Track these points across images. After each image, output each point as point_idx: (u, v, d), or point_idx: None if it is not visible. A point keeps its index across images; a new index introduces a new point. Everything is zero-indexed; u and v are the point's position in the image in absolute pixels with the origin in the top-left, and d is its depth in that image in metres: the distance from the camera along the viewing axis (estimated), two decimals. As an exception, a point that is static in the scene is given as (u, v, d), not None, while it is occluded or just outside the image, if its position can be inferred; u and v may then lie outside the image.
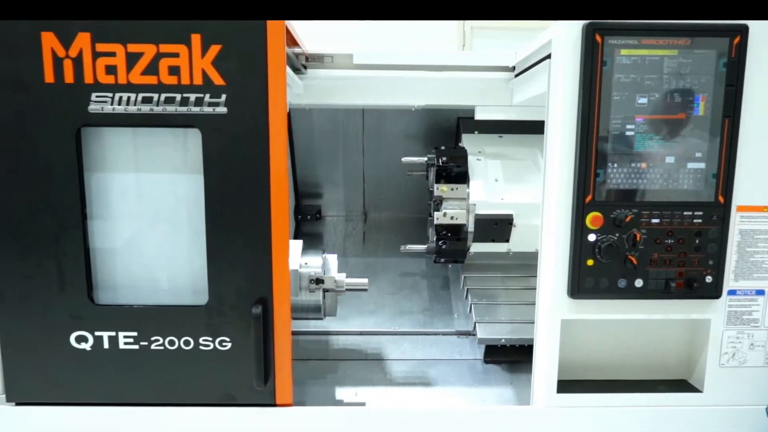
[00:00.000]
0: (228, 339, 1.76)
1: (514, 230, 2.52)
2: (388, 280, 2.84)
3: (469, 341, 2.46)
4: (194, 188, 1.74)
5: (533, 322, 1.85)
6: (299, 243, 2.03)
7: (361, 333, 2.50)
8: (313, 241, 3.08)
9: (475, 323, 2.36)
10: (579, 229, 1.67)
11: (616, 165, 1.65)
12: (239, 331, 1.75)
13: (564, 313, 1.74)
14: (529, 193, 2.52)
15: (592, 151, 1.63)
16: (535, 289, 1.81)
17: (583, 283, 1.69)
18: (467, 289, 2.58)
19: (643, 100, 1.62)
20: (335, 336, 2.49)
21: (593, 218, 1.66)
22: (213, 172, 1.68)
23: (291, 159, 3.04)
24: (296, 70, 2.34)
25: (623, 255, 1.68)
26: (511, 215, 2.50)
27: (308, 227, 3.16)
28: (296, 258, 1.95)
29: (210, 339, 1.76)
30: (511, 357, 2.32)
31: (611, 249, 1.66)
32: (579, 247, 1.68)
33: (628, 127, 1.63)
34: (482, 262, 2.63)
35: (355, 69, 2.39)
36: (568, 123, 1.64)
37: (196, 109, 1.64)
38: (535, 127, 2.60)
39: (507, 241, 2.54)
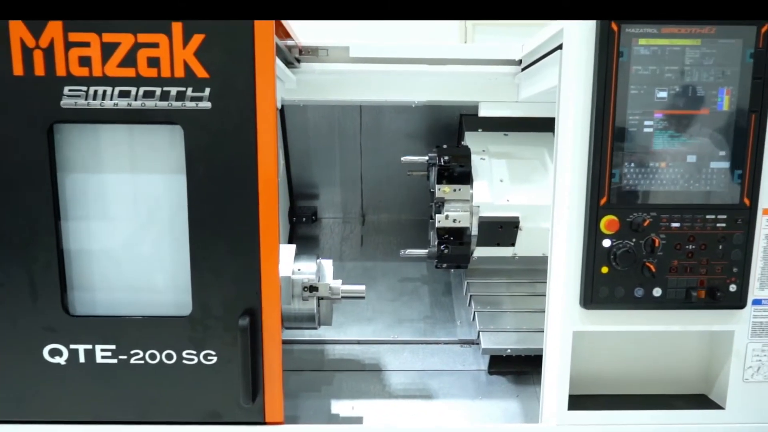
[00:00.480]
0: (213, 352, 1.70)
1: (520, 234, 2.47)
2: (387, 286, 2.81)
3: (472, 351, 2.42)
4: (177, 190, 1.69)
5: (541, 331, 1.81)
6: (292, 248, 1.97)
7: (359, 342, 2.46)
8: (308, 245, 3.05)
9: (479, 332, 2.32)
10: (592, 234, 1.62)
11: (633, 164, 1.59)
12: (225, 344, 1.70)
13: (576, 324, 1.68)
14: (537, 194, 2.48)
15: (607, 149, 1.58)
16: (542, 295, 1.77)
17: (597, 292, 1.64)
18: (470, 295, 2.54)
19: (663, 94, 1.56)
20: (331, 345, 2.44)
21: (608, 222, 1.61)
22: (196, 172, 1.62)
23: (285, 158, 3.01)
24: (289, 64, 2.30)
25: (640, 262, 1.63)
26: (517, 218, 2.45)
27: (303, 230, 3.13)
28: (289, 264, 1.90)
29: (194, 352, 1.71)
30: (517, 368, 2.27)
31: (627, 255, 1.61)
32: (592, 254, 1.62)
33: (647, 123, 1.57)
34: (486, 268, 2.60)
35: (352, 63, 2.35)
36: (581, 119, 1.58)
37: (177, 104, 1.58)
38: (543, 125, 2.66)
39: (513, 245, 2.49)
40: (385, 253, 3.00)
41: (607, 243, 1.61)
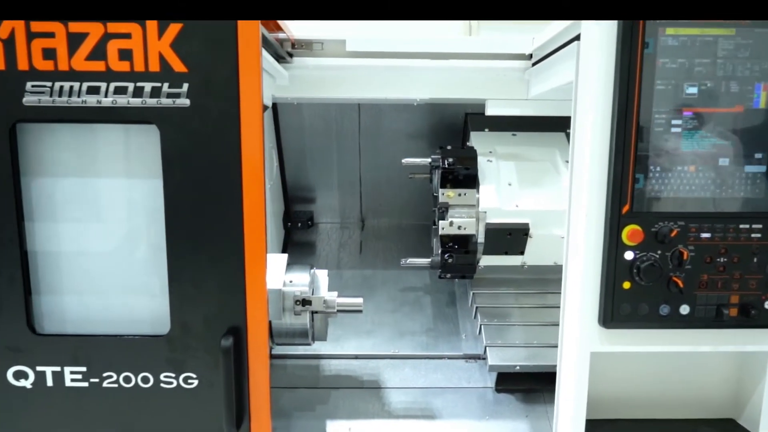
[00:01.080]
0: (194, 375, 1.64)
1: (529, 241, 2.44)
2: (388, 296, 2.79)
3: (478, 366, 2.39)
4: (152, 195, 1.62)
5: (553, 346, 1.78)
6: (283, 258, 1.93)
7: (357, 357, 2.43)
8: (304, 251, 3.07)
9: (485, 347, 2.31)
10: (613, 245, 1.54)
11: (658, 168, 1.51)
12: (207, 366, 1.63)
13: (594, 344, 1.61)
14: (547, 199, 2.45)
15: (630, 151, 1.50)
16: (553, 307, 1.83)
17: (618, 309, 1.56)
18: (476, 307, 2.52)
19: (693, 90, 1.49)
20: (327, 360, 2.42)
21: (631, 232, 1.53)
22: (174, 176, 1.56)
23: (279, 160, 3.01)
24: (280, 59, 2.27)
25: (666, 276, 1.55)
26: (527, 224, 2.42)
27: (299, 236, 3.14)
28: (279, 275, 1.86)
29: (173, 375, 1.64)
30: (527, 385, 2.24)
31: (652, 269, 1.53)
32: (613, 267, 1.55)
33: (674, 122, 1.50)
34: (494, 277, 2.57)
35: (349, 57, 2.32)
36: (601, 118, 1.51)
37: (152, 102, 1.52)
38: (555, 124, 2.68)
39: (522, 253, 2.47)
40: (385, 260, 2.99)
41: (629, 255, 1.54)
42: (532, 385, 2.22)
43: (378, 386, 2.27)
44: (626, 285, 1.54)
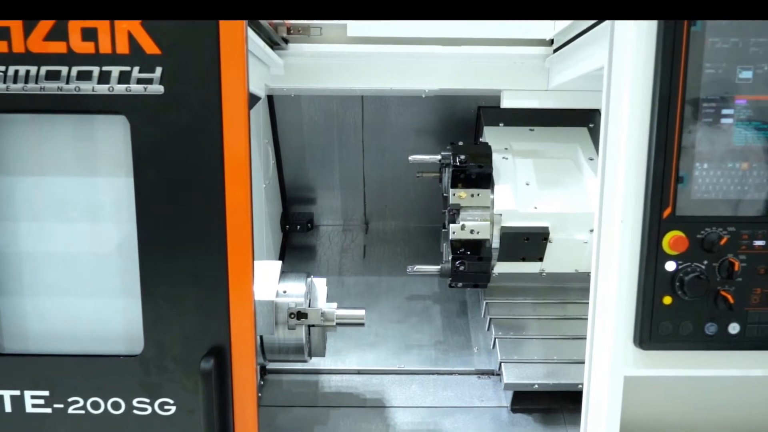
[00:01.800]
0: (171, 401, 1.58)
1: (549, 246, 2.38)
2: (393, 305, 2.76)
3: (492, 383, 2.34)
4: (123, 196, 1.56)
5: (573, 362, 1.78)
6: (277, 265, 1.87)
7: (359, 372, 2.39)
8: (303, 256, 3.03)
9: (500, 362, 2.27)
10: (653, 254, 1.43)
11: (706, 165, 1.41)
12: (186, 391, 1.57)
13: (629, 367, 1.50)
14: (569, 200, 2.41)
15: (674, 146, 1.38)
16: (574, 319, 1.78)
17: (657, 328, 1.46)
18: (490, 318, 2.46)
19: (747, 74, 1.38)
20: (326, 376, 2.38)
21: (673, 239, 1.43)
22: (146, 174, 1.49)
23: (276, 157, 2.96)
24: (274, 45, 2.20)
25: (714, 290, 1.45)
26: (546, 228, 2.36)
27: (298, 239, 3.10)
28: (272, 284, 1.80)
29: (147, 401, 1.58)
30: (546, 405, 2.20)
31: (698, 282, 1.43)
32: (652, 280, 1.45)
33: (725, 111, 1.39)
34: (509, 285, 2.53)
35: (351, 44, 2.28)
36: (639, 108, 1.40)
37: (120, 88, 1.44)
38: (577, 118, 2.61)
39: (540, 259, 2.41)
40: (390, 266, 2.96)
41: (671, 266, 1.44)
42: (551, 405, 2.18)
43: (382, 405, 2.24)
44: (667, 300, 1.45)
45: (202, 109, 1.44)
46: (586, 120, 2.55)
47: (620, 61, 1.42)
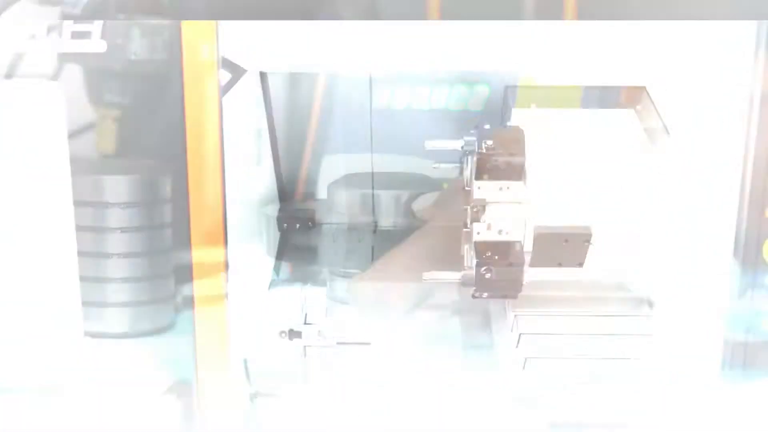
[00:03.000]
0: None
1: (591, 250, 2.08)
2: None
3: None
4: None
5: None
6: (265, 271, 1.88)
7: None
8: (303, 259, 2.73)
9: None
10: (749, 265, 1.28)
11: None
12: None
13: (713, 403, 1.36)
14: (613, 197, 2.13)
15: None
16: None
17: (754, 356, 1.33)
18: (520, 335, 2.16)
19: None
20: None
21: None
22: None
23: (272, 146, 2.68)
24: None
25: None
26: (589, 228, 2.08)
27: (297, 239, 2.82)
28: (257, 296, 1.78)
29: None
30: None
31: None
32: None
33: None
34: (543, 295, 2.26)
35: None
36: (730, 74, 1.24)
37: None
38: (623, 97, 2.29)
39: (581, 265, 2.11)
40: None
41: None
42: (593, 438, 1.99)
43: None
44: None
45: (157, 70, 1.25)
46: (635, 99, 2.40)
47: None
